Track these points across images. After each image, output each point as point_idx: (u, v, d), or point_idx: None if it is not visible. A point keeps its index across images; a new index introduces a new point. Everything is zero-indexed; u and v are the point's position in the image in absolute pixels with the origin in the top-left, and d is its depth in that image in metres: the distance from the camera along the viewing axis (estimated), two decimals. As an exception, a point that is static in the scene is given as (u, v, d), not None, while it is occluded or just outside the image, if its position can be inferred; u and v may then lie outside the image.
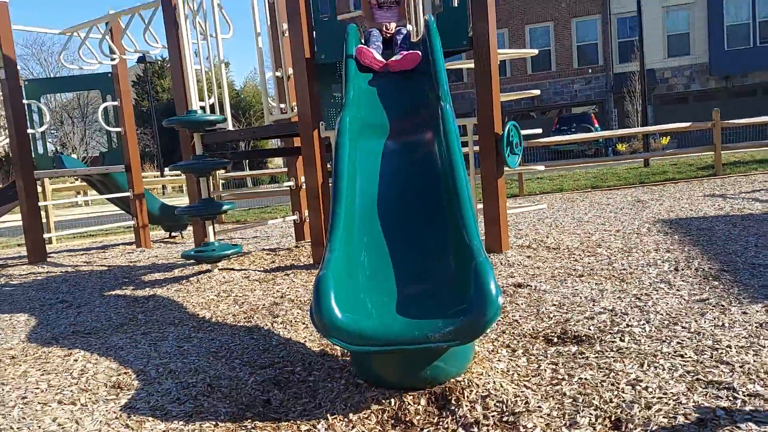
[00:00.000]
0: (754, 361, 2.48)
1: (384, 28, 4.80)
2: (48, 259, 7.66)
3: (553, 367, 2.61)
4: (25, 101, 7.39)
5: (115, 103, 7.91)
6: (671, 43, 28.09)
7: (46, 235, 7.87)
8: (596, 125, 25.41)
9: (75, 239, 10.13)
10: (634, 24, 16.81)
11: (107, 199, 8.81)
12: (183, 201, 13.33)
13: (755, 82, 27.41)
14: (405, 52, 4.43)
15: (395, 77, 4.48)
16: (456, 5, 4.97)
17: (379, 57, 4.44)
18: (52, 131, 7.82)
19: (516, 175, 12.20)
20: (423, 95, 4.24)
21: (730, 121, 12.11)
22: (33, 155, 7.60)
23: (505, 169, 5.31)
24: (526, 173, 13.60)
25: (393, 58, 4.44)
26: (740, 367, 2.43)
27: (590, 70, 28.66)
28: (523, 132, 5.60)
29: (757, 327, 2.86)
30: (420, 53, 4.42)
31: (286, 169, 12.73)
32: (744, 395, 2.18)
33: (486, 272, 2.38)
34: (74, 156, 23.79)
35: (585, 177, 13.60)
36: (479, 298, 2.32)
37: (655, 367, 2.49)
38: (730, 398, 2.17)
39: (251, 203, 16.50)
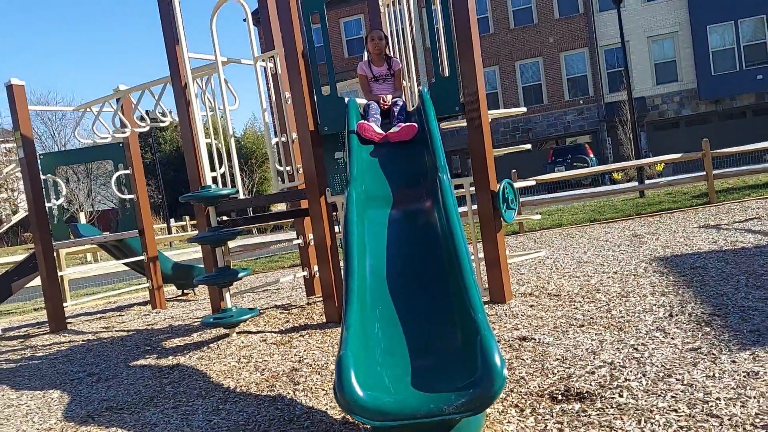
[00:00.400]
0: (741, 413, 2.71)
1: (381, 101, 5.16)
2: (67, 326, 7.91)
3: (559, 426, 2.84)
4: (42, 177, 7.75)
5: (127, 171, 8.27)
6: (659, 70, 28.75)
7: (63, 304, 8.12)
8: (591, 155, 25.85)
9: (90, 302, 10.38)
10: (622, 54, 17.40)
11: (123, 263, 9.09)
12: (191, 253, 13.62)
13: (744, 104, 27.96)
14: (402, 125, 4.76)
15: (395, 147, 4.81)
16: (447, 75, 5.32)
17: (378, 130, 4.77)
18: (61, 192, 8.14)
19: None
20: (422, 165, 4.56)
21: (720, 150, 12.46)
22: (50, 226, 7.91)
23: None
24: (524, 208, 13.92)
25: (392, 130, 4.77)
26: (728, 420, 2.66)
27: (582, 101, 29.27)
28: (517, 185, 5.90)
29: (744, 377, 3.10)
30: (416, 125, 4.75)
31: (291, 221, 13.05)
32: (730, 449, 2.41)
33: (491, 347, 2.64)
34: (82, 214, 24.19)
35: (583, 210, 13.90)
36: (486, 372, 2.57)
37: (652, 424, 2.72)
38: (718, 452, 2.40)
39: (258, 252, 16.78)
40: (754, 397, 2.84)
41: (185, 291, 9.97)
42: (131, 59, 79.79)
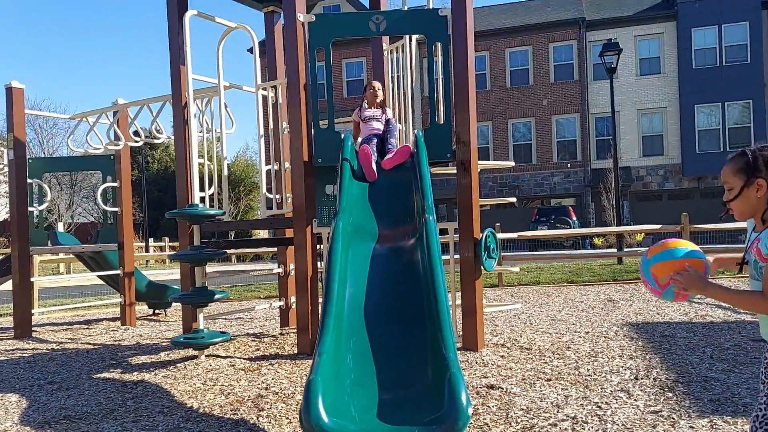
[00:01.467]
0: (695, 475, 2.76)
1: (375, 133, 5.35)
2: (32, 333, 7.77)
3: (517, 473, 2.87)
4: (28, 180, 7.74)
5: (115, 184, 8.29)
6: (646, 143, 29.56)
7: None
8: (574, 218, 26.26)
9: (57, 312, 10.22)
10: (611, 123, 18.02)
11: (97, 275, 9.00)
12: (166, 275, 13.50)
13: (726, 184, 28.77)
14: (394, 150, 4.94)
15: (385, 183, 4.93)
16: (442, 122, 5.49)
17: (374, 167, 4.92)
18: (45, 199, 8.08)
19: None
20: (410, 204, 4.67)
21: (698, 226, 12.74)
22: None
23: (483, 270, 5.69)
24: (505, 263, 14.03)
25: (386, 158, 4.94)
26: (682, 481, 2.71)
27: (569, 165, 29.89)
28: (499, 236, 6.02)
29: (701, 442, 3.16)
30: (410, 147, 4.92)
31: (272, 249, 13.01)
32: None
33: (458, 385, 2.69)
34: (60, 224, 23.93)
35: (561, 270, 14.05)
36: (451, 409, 2.61)
37: (608, 478, 2.76)
38: None
39: (235, 280, 16.66)
40: (710, 462, 2.90)
41: (156, 311, 9.85)
42: (129, 75, 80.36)
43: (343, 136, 5.25)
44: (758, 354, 5.09)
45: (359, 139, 5.47)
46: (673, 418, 3.54)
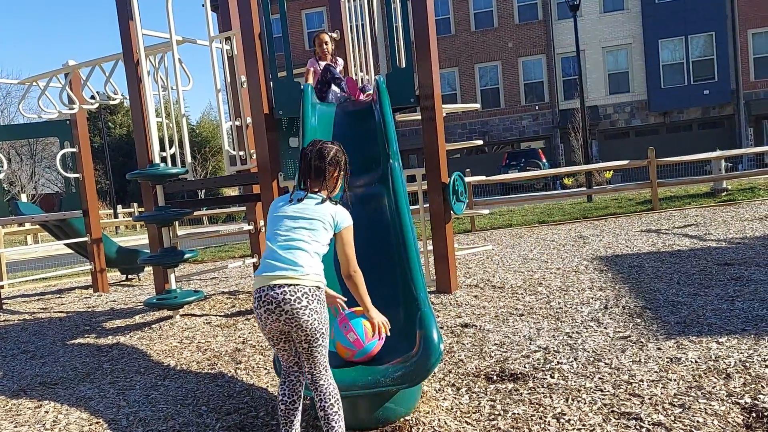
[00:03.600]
0: (661, 393, 2.86)
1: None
2: (3, 306, 7.64)
3: (492, 403, 2.94)
4: (-18, 150, 7.46)
5: (74, 149, 8.04)
6: (612, 81, 29.62)
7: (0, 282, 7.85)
8: (544, 160, 26.43)
9: (28, 283, 10.05)
10: (577, 63, 17.93)
11: (64, 244, 8.82)
12: (137, 240, 13.32)
13: (691, 118, 29.07)
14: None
15: (350, 131, 4.86)
16: (403, 66, 5.39)
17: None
18: (1, 168, 7.75)
19: (467, 212, 12.69)
20: (375, 151, 4.61)
21: (665, 159, 12.94)
22: (-11, 202, 7.63)
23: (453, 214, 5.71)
24: (476, 208, 14.13)
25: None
26: (649, 399, 2.81)
27: (537, 107, 29.88)
28: (469, 179, 6.02)
29: (667, 362, 3.26)
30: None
31: (243, 208, 12.88)
32: (649, 424, 2.55)
33: (429, 323, 2.71)
34: (23, 195, 23.32)
35: (533, 212, 14.21)
36: (423, 346, 2.64)
37: (578, 402, 2.85)
38: (637, 427, 2.53)
39: (208, 242, 16.53)
40: (674, 380, 3.00)
41: (129, 276, 9.75)
42: (84, 37, 77.15)
43: (302, 86, 5.13)
44: (723, 277, 5.25)
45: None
46: (642, 342, 3.65)
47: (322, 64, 5.51)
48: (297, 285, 2.26)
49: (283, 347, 2.38)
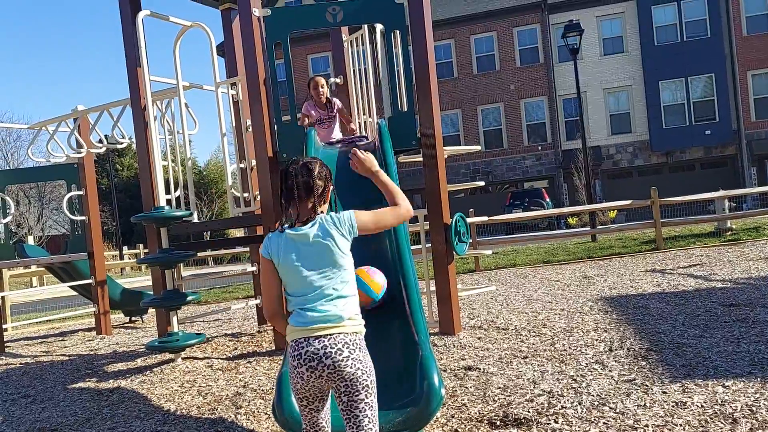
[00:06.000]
0: (667, 438, 2.82)
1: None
2: (6, 349, 7.61)
3: (494, 450, 2.89)
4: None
5: (81, 192, 8.13)
6: (614, 121, 29.93)
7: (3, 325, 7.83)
8: (547, 200, 26.50)
9: (31, 326, 10.02)
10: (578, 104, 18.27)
11: (69, 286, 8.84)
12: (142, 282, 13.31)
13: (694, 157, 29.24)
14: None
15: (354, 174, 4.90)
16: (405, 110, 5.49)
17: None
18: (9, 211, 7.84)
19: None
20: (378, 193, 4.65)
21: (668, 199, 12.96)
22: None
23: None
24: (480, 248, 14.11)
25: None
26: (654, 444, 2.76)
27: (540, 147, 30.14)
28: (470, 220, 6.05)
29: (673, 406, 3.22)
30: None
31: (247, 249, 12.91)
32: (654, 471, 2.50)
33: (430, 367, 2.70)
34: (30, 237, 23.46)
35: (537, 252, 14.18)
36: (425, 391, 2.62)
37: (582, 448, 2.80)
38: (643, 474, 2.49)
39: (213, 282, 16.50)
40: (680, 425, 2.95)
41: (133, 318, 9.72)
42: (93, 83, 78.79)
43: (306, 129, 5.22)
44: (728, 318, 5.20)
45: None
46: (647, 385, 3.60)
47: (319, 111, 5.63)
48: (337, 335, 2.11)
49: (316, 408, 2.19)
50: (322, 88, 5.62)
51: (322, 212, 2.27)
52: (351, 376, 2.09)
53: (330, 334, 2.11)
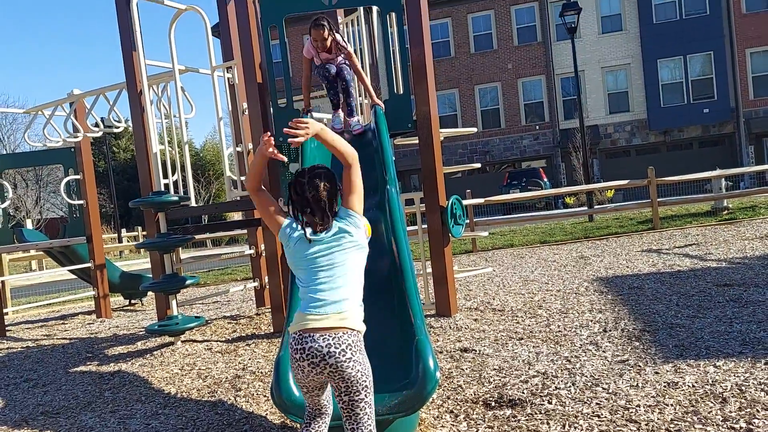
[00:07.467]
0: (658, 418, 2.88)
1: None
2: (7, 333, 7.67)
3: (489, 430, 2.96)
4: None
5: (78, 176, 8.13)
6: (612, 100, 29.83)
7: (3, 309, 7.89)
8: (545, 179, 26.50)
9: (32, 310, 10.08)
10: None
11: (68, 270, 8.88)
12: (140, 264, 13.35)
13: (691, 136, 29.21)
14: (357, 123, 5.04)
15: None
16: (401, 93, 5.48)
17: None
18: (7, 196, 7.84)
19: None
20: (373, 177, 4.67)
21: (664, 179, 12.98)
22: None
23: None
24: (477, 228, 14.16)
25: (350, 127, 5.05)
26: (646, 425, 2.82)
27: (537, 127, 30.06)
28: (466, 202, 6.07)
29: (665, 386, 3.28)
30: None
31: (245, 232, 12.94)
32: (644, 450, 2.56)
33: (426, 350, 2.74)
34: (29, 221, 23.45)
35: (534, 232, 14.24)
36: (420, 374, 2.67)
37: (575, 428, 2.86)
38: (633, 454, 2.55)
39: (211, 264, 16.57)
40: (672, 405, 3.02)
41: (132, 301, 9.78)
42: (89, 66, 78.02)
43: (302, 113, 5.21)
44: (722, 299, 5.26)
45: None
46: (639, 366, 3.66)
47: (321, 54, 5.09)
48: (342, 334, 2.17)
49: (317, 394, 2.28)
50: (325, 36, 4.97)
51: (333, 214, 2.34)
52: (351, 377, 2.16)
53: (335, 333, 2.17)
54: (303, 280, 2.31)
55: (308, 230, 2.29)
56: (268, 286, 6.74)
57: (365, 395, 2.20)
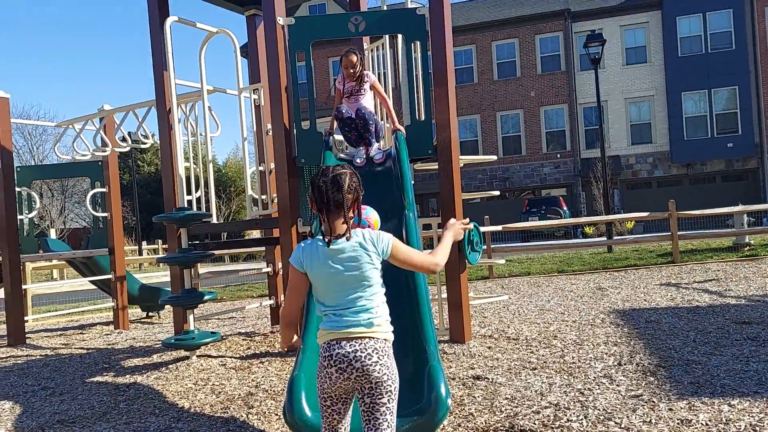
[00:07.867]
0: (669, 455, 2.86)
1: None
2: (26, 340, 7.81)
3: (499, 460, 2.96)
4: (17, 188, 7.76)
5: (104, 189, 8.32)
6: (634, 131, 29.75)
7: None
8: (564, 208, 26.39)
9: (51, 318, 10.25)
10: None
11: (89, 280, 9.04)
12: (159, 277, 13.53)
13: (714, 170, 28.96)
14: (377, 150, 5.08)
15: (369, 180, 4.99)
16: (422, 119, 5.56)
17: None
18: (34, 206, 8.13)
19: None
20: (391, 201, 4.74)
21: (685, 212, 12.88)
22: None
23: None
24: (494, 255, 14.12)
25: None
26: (656, 461, 2.81)
27: (559, 155, 30.03)
28: (484, 228, 6.11)
29: (678, 423, 3.25)
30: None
31: (263, 249, 13.09)
32: (654, 488, 2.55)
33: (438, 377, 2.77)
34: (53, 230, 23.88)
35: (552, 261, 14.16)
36: (431, 400, 2.70)
37: (585, 461, 2.85)
38: (643, 490, 2.53)
39: (229, 279, 16.70)
40: (684, 443, 2.99)
41: (150, 314, 9.90)
42: (118, 81, 79.88)
43: (324, 137, 5.31)
44: (739, 336, 5.20)
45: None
46: (653, 402, 3.64)
47: (347, 84, 5.23)
48: (368, 340, 2.20)
49: (339, 408, 2.26)
50: (352, 69, 5.12)
51: (351, 218, 2.28)
52: (377, 380, 2.18)
53: (361, 339, 2.20)
54: (325, 296, 2.29)
55: (320, 239, 2.28)
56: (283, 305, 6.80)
57: (388, 400, 2.21)
